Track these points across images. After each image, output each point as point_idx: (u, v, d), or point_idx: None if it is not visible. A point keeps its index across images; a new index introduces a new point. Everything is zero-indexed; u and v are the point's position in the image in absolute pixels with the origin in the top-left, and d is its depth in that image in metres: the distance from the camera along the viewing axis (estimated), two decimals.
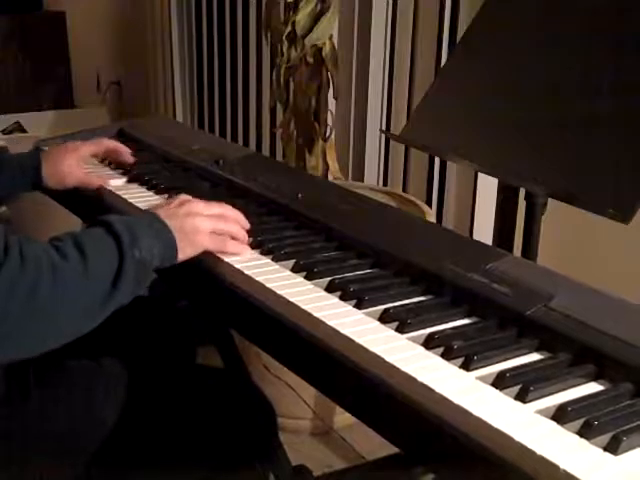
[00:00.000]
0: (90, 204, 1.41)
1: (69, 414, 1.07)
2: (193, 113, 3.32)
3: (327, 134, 2.11)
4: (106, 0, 3.82)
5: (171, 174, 1.46)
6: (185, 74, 3.31)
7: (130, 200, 1.32)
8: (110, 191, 1.37)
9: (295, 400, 2.03)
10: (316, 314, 0.90)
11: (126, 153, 1.49)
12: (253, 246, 1.10)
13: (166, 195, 1.33)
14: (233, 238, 1.08)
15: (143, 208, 1.27)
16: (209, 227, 1.05)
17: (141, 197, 1.34)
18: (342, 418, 2.09)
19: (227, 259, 1.05)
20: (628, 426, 0.69)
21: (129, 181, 1.43)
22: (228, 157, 1.46)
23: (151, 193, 1.36)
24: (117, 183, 1.40)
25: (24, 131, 3.39)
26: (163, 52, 3.32)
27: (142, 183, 1.40)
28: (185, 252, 1.02)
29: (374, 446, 1.80)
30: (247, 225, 1.11)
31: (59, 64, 4.05)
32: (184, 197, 1.09)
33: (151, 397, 1.14)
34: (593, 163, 1.13)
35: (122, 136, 1.73)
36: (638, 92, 1.13)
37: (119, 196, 1.35)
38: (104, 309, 0.92)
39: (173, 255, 1.01)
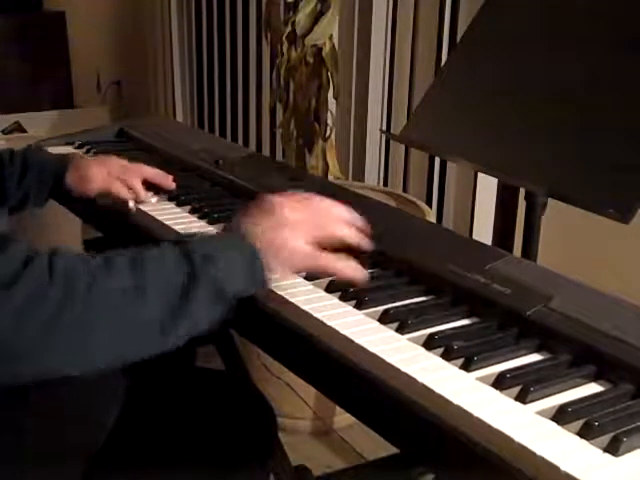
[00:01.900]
0: (91, 204, 1.41)
1: (69, 415, 1.07)
2: (193, 113, 3.32)
3: (327, 134, 2.11)
4: (106, 0, 3.82)
5: (171, 174, 1.45)
6: (185, 74, 3.31)
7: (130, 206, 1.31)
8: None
9: (295, 400, 2.03)
10: (316, 314, 0.90)
11: (141, 197, 1.32)
12: None
13: (166, 195, 1.33)
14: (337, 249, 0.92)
15: (143, 208, 1.27)
16: (304, 238, 0.88)
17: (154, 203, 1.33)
18: (342, 418, 2.10)
19: None
20: (628, 427, 0.69)
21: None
22: (228, 157, 1.46)
23: (151, 193, 1.36)
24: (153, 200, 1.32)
25: (24, 131, 3.39)
26: (163, 52, 3.32)
27: (147, 188, 1.40)
28: (277, 270, 0.88)
29: (374, 446, 1.79)
30: (358, 222, 0.93)
31: (59, 64, 4.05)
32: (273, 201, 0.91)
33: (151, 398, 1.14)
34: (593, 163, 1.13)
35: (122, 136, 1.73)
36: (638, 92, 1.13)
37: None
38: (169, 330, 0.81)
39: (261, 280, 0.88)
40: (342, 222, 0.93)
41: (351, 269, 0.89)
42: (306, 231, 0.89)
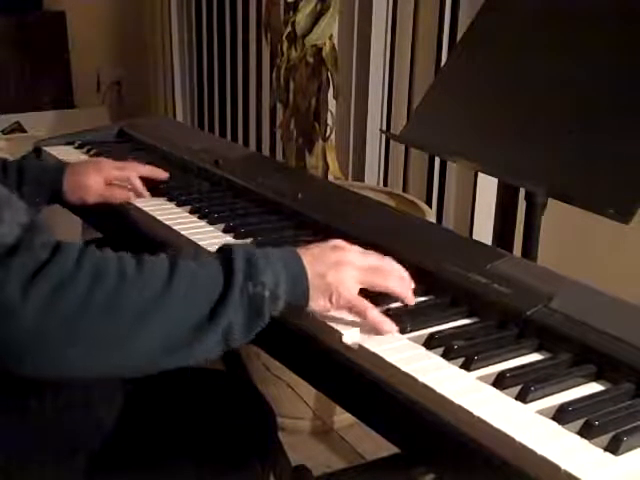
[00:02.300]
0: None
1: (69, 415, 1.07)
2: (193, 113, 3.32)
3: (327, 134, 2.11)
4: (106, 0, 3.82)
5: (171, 174, 1.46)
6: (185, 74, 3.30)
7: (130, 200, 1.32)
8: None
9: (295, 400, 2.03)
10: (316, 314, 0.90)
11: (142, 193, 1.35)
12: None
13: (166, 195, 1.33)
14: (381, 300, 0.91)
15: (143, 208, 1.27)
16: (357, 279, 0.88)
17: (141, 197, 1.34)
18: (342, 418, 2.09)
19: None
20: (628, 426, 0.69)
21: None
22: (228, 157, 1.46)
23: (151, 193, 1.36)
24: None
25: (24, 131, 3.39)
26: (163, 52, 3.32)
27: (149, 189, 1.40)
28: (318, 302, 0.87)
29: (374, 446, 1.80)
30: (409, 283, 0.93)
31: (59, 64, 4.04)
32: (338, 242, 0.92)
33: (151, 398, 1.14)
34: (593, 163, 1.13)
35: (122, 136, 1.73)
36: (638, 92, 1.13)
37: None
38: (194, 343, 0.79)
39: (302, 301, 0.86)
40: (399, 278, 0.93)
41: (386, 323, 0.88)
42: (360, 276, 0.89)
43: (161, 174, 1.39)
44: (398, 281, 0.92)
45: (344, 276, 0.87)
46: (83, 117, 3.40)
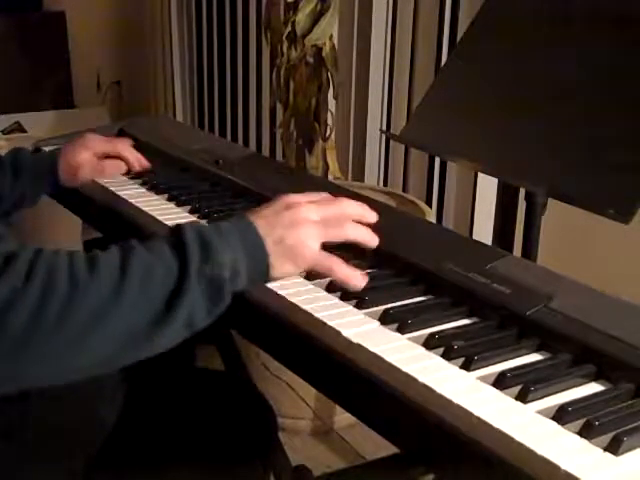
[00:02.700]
0: (90, 204, 1.41)
1: (68, 416, 1.07)
2: (193, 113, 3.32)
3: (327, 134, 2.11)
4: (106, 0, 3.82)
5: (171, 174, 1.46)
6: (185, 74, 3.31)
7: (130, 200, 1.32)
8: (111, 192, 1.37)
9: (295, 400, 2.03)
10: (316, 314, 0.90)
11: (134, 164, 1.43)
12: None
13: (166, 195, 1.33)
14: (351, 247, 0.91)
15: (143, 208, 1.27)
16: (316, 237, 0.86)
17: (141, 196, 1.34)
18: (342, 418, 2.10)
19: None
20: (629, 426, 0.69)
21: (130, 179, 1.43)
22: (228, 157, 1.46)
23: (151, 193, 1.36)
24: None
25: (24, 131, 3.39)
26: (163, 52, 3.32)
27: (142, 183, 1.40)
28: (283, 269, 0.85)
29: (374, 446, 1.80)
30: (373, 219, 0.92)
31: (59, 64, 4.04)
32: (290, 199, 0.89)
33: (150, 399, 1.14)
34: (593, 163, 1.13)
35: (122, 136, 1.73)
36: (638, 92, 1.13)
37: (120, 196, 1.35)
38: (156, 336, 0.78)
39: (263, 272, 0.84)
40: (356, 223, 0.91)
41: (355, 277, 0.88)
42: (319, 232, 0.87)
43: (134, 165, 1.42)
44: (355, 228, 0.89)
45: (303, 235, 0.85)
46: (83, 117, 3.40)
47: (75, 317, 0.73)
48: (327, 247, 0.89)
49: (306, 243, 0.85)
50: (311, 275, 1.00)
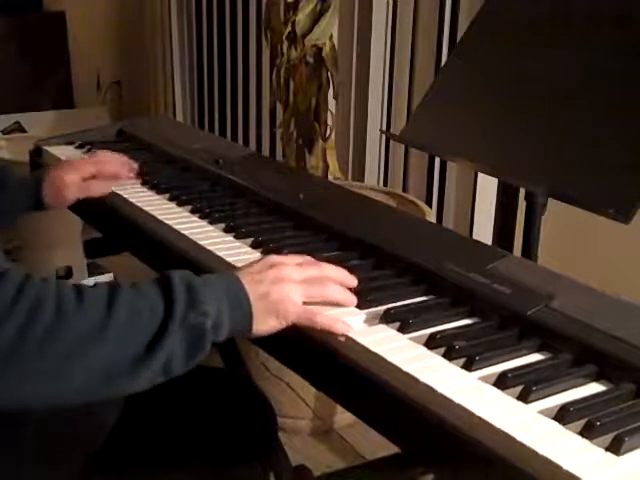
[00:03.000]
0: (90, 204, 1.41)
1: (68, 416, 1.06)
2: (193, 113, 3.32)
3: (327, 134, 2.11)
4: (106, 0, 3.82)
5: (171, 174, 1.46)
6: (185, 74, 3.31)
7: (131, 200, 1.32)
8: (111, 192, 1.37)
9: (295, 400, 2.03)
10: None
11: (125, 175, 1.42)
12: (253, 246, 1.10)
13: (167, 195, 1.33)
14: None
15: (144, 208, 1.27)
16: (299, 295, 0.88)
17: (142, 196, 1.34)
18: (342, 418, 2.09)
19: (227, 258, 1.05)
20: (630, 426, 0.69)
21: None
22: (228, 157, 1.46)
23: (151, 193, 1.36)
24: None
25: (24, 131, 3.39)
26: (163, 52, 3.32)
27: (143, 183, 1.40)
28: (265, 326, 0.87)
29: (374, 446, 1.80)
30: (352, 284, 0.94)
31: (59, 64, 4.04)
32: (274, 259, 0.92)
33: (150, 398, 1.14)
34: (593, 163, 1.13)
35: (122, 136, 1.73)
36: (638, 91, 1.13)
37: (120, 196, 1.35)
38: (133, 378, 0.79)
39: (246, 326, 0.86)
40: (337, 285, 0.93)
41: (338, 322, 0.88)
42: (302, 289, 0.89)
43: (128, 171, 1.42)
44: (336, 289, 0.91)
45: (286, 292, 0.87)
46: (83, 117, 3.40)
47: (57, 346, 0.75)
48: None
49: (289, 299, 0.87)
50: None
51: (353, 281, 0.94)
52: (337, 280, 0.93)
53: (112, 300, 0.78)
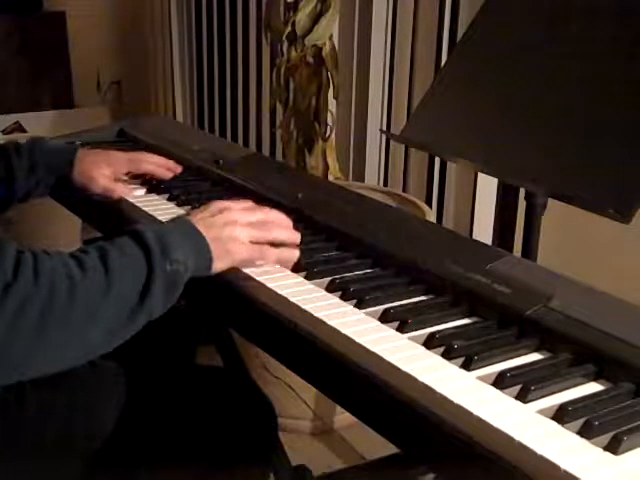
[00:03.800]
0: (91, 204, 1.41)
1: (67, 415, 1.07)
2: (193, 113, 3.32)
3: (327, 134, 2.11)
4: (106, 0, 3.82)
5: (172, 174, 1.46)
6: (185, 74, 3.31)
7: (131, 200, 1.32)
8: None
9: (295, 400, 2.03)
10: (316, 314, 0.90)
11: (163, 173, 1.41)
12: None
13: (167, 195, 1.33)
14: (276, 245, 1.03)
15: (142, 207, 1.27)
16: (247, 236, 0.99)
17: (142, 197, 1.34)
18: (342, 418, 2.09)
19: None
20: (628, 426, 0.69)
21: (130, 179, 1.43)
22: (228, 157, 1.46)
23: (152, 193, 1.36)
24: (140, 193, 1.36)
25: (24, 131, 3.38)
26: (163, 52, 3.32)
27: (142, 183, 1.40)
28: (221, 263, 0.98)
29: (374, 446, 1.79)
30: (290, 226, 1.06)
31: (59, 64, 4.04)
32: (222, 204, 1.03)
33: (150, 397, 1.14)
34: (593, 163, 1.13)
35: (122, 136, 1.73)
36: (638, 92, 1.13)
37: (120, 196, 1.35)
38: (131, 324, 0.89)
39: (207, 266, 0.96)
40: (283, 227, 1.05)
41: (285, 252, 1.02)
42: (249, 231, 1.00)
43: (173, 169, 1.42)
44: (281, 230, 1.04)
45: (237, 233, 0.98)
46: (83, 117, 3.40)
47: (76, 312, 0.84)
48: None
49: (239, 239, 0.98)
50: (310, 275, 1.00)
51: (290, 224, 1.06)
52: (280, 223, 1.04)
53: (106, 262, 0.87)
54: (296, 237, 1.05)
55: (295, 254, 1.02)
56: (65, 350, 0.85)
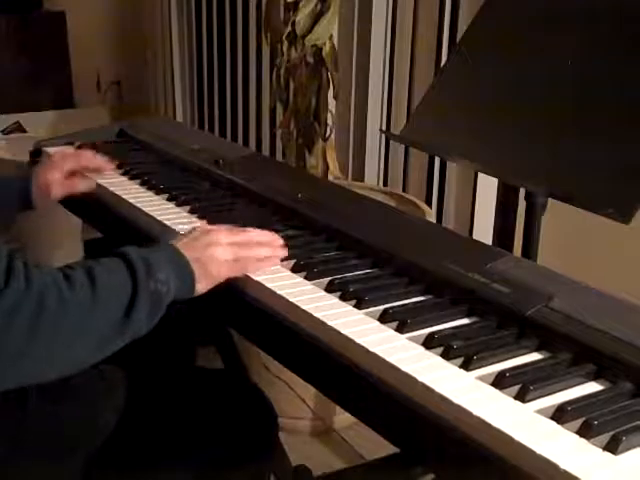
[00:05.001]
0: (91, 204, 1.41)
1: (68, 417, 1.07)
2: (193, 113, 3.32)
3: (327, 134, 2.11)
4: (106, 0, 3.82)
5: (171, 174, 1.46)
6: (185, 74, 3.30)
7: (131, 200, 1.32)
8: (111, 192, 1.37)
9: (295, 400, 2.03)
10: (316, 314, 0.90)
11: (104, 169, 1.46)
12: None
13: (166, 195, 1.33)
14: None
15: (143, 208, 1.28)
16: (228, 256, 1.01)
17: (142, 197, 1.34)
18: (342, 418, 2.09)
19: None
20: (627, 426, 0.69)
21: (129, 180, 1.43)
22: (228, 157, 1.46)
23: (151, 193, 1.36)
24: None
25: (24, 131, 3.38)
26: (163, 52, 3.32)
27: (142, 183, 1.41)
28: (203, 284, 0.99)
29: (374, 446, 1.79)
30: (276, 244, 1.07)
31: (59, 64, 4.04)
32: (205, 227, 1.06)
33: (151, 398, 1.14)
34: (593, 163, 1.13)
35: (122, 136, 1.73)
36: (638, 92, 1.13)
37: (120, 197, 1.35)
38: (115, 341, 0.91)
39: (190, 288, 0.98)
40: (266, 246, 1.06)
41: (269, 261, 1.04)
42: (231, 250, 1.01)
43: (107, 166, 1.46)
44: (261, 249, 1.04)
45: (217, 254, 1.00)
46: (83, 117, 3.40)
47: (64, 326, 0.85)
48: None
49: (219, 260, 1.00)
50: (310, 275, 1.00)
51: (279, 240, 1.07)
52: (263, 242, 1.06)
53: (92, 278, 0.89)
54: (280, 254, 1.06)
55: (277, 258, 1.05)
56: (49, 365, 0.87)
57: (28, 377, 0.88)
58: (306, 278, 1.00)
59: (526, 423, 0.71)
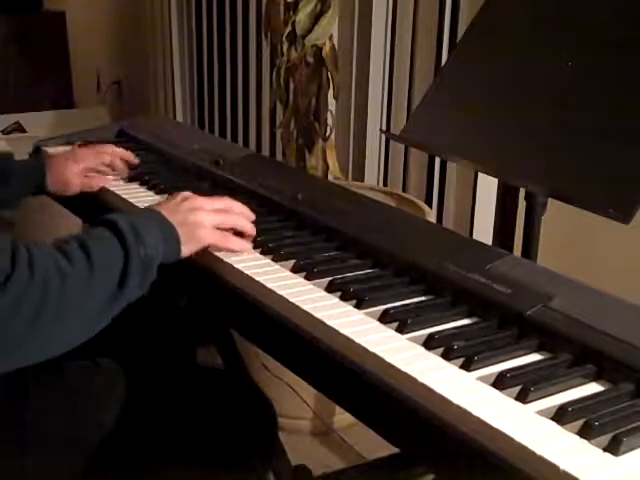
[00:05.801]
0: (92, 204, 1.41)
1: (68, 415, 1.07)
2: (193, 113, 3.32)
3: (327, 134, 2.11)
4: (106, 0, 3.82)
5: (171, 174, 1.46)
6: (185, 74, 3.30)
7: (131, 200, 1.32)
8: (112, 192, 1.37)
9: (295, 400, 2.03)
10: (316, 314, 0.90)
11: (127, 164, 1.47)
12: (253, 246, 1.10)
13: (166, 195, 1.33)
14: (238, 233, 1.08)
15: (142, 208, 1.27)
16: (211, 221, 1.05)
17: (141, 197, 1.34)
18: (342, 418, 2.09)
19: (227, 259, 1.05)
20: (628, 426, 0.69)
21: (129, 180, 1.43)
22: (228, 157, 1.46)
23: (151, 193, 1.36)
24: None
25: (24, 131, 3.38)
26: (163, 52, 3.32)
27: (142, 183, 1.41)
28: (188, 247, 1.03)
29: (374, 446, 1.80)
30: (252, 217, 1.11)
31: (59, 64, 4.04)
32: (186, 193, 1.09)
33: (150, 397, 1.14)
34: (593, 163, 1.13)
35: (122, 136, 1.73)
36: (637, 92, 1.13)
37: (120, 197, 1.35)
38: (111, 309, 0.93)
39: (176, 251, 1.02)
40: (243, 216, 1.11)
41: (248, 244, 1.08)
42: (212, 216, 1.05)
43: (132, 158, 1.48)
44: (240, 219, 1.09)
45: (200, 218, 1.04)
46: (83, 117, 3.40)
47: (67, 302, 0.88)
48: None
49: (204, 224, 1.04)
50: (310, 275, 1.00)
51: (252, 215, 1.12)
52: (240, 212, 1.10)
53: (87, 252, 0.91)
54: (253, 229, 1.10)
55: (248, 247, 1.08)
56: (54, 341, 0.89)
57: (31, 357, 0.90)
58: (306, 278, 1.00)
59: (527, 424, 0.71)
